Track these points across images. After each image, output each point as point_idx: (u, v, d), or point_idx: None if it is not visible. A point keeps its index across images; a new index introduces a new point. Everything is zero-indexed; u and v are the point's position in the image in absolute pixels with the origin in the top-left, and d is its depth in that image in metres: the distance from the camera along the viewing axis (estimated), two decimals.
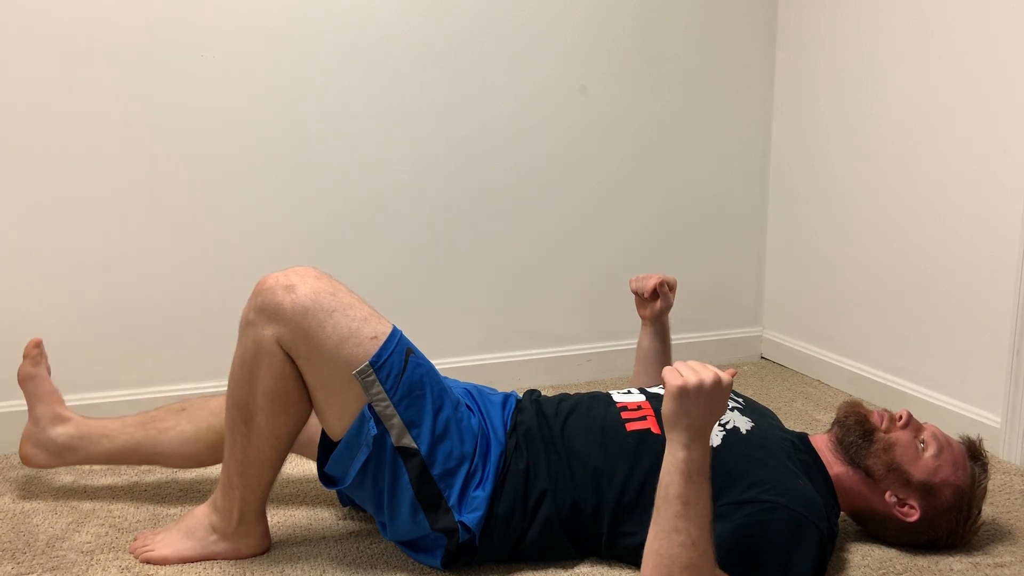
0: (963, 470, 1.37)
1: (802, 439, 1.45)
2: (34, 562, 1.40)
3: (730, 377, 1.10)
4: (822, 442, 1.44)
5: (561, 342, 2.38)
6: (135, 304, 1.96)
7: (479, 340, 2.29)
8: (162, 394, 1.98)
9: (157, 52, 1.89)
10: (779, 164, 2.51)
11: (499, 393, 1.53)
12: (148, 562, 1.39)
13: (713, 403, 1.08)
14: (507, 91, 2.21)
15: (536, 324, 2.35)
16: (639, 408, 1.43)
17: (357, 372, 1.26)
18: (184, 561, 1.39)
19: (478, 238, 2.25)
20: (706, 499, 1.09)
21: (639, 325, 1.75)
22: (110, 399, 1.95)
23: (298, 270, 1.31)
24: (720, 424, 1.38)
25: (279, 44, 1.99)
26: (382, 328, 1.30)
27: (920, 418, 1.47)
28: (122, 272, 1.94)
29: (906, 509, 1.37)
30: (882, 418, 1.40)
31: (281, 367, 1.28)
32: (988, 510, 1.55)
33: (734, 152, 2.49)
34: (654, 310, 1.70)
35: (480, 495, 1.33)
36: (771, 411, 1.55)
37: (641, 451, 1.35)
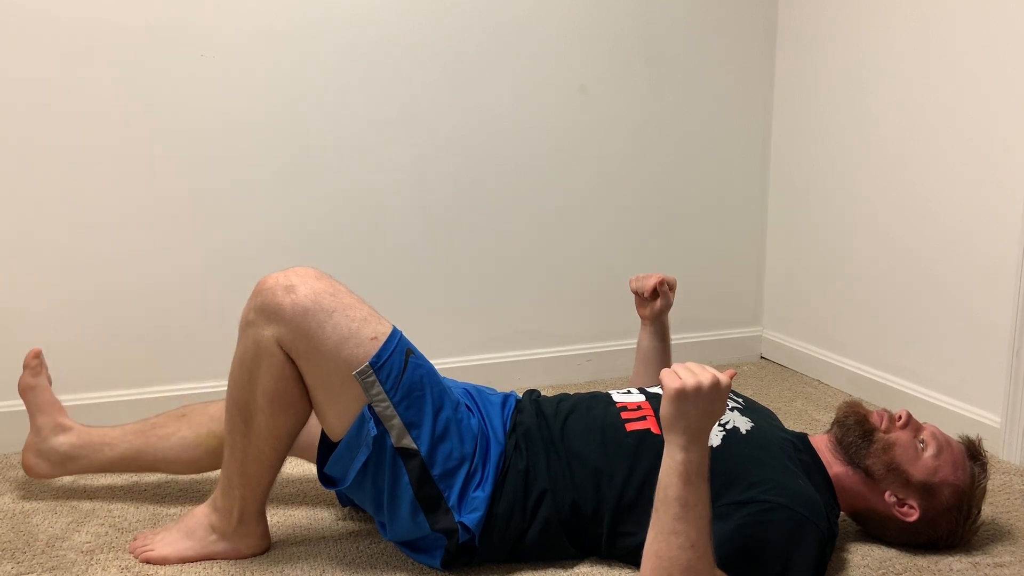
0: (963, 470, 1.37)
1: (802, 439, 1.45)
2: (34, 562, 1.40)
3: (728, 378, 1.10)
4: (822, 442, 1.44)
5: (561, 342, 2.38)
6: (135, 304, 1.96)
7: (479, 340, 2.29)
8: (162, 394, 1.98)
9: (157, 52, 1.89)
10: (779, 164, 2.51)
11: (499, 393, 1.53)
12: (148, 562, 1.40)
13: (711, 405, 1.08)
14: (507, 91, 2.21)
15: (536, 324, 2.35)
16: (639, 408, 1.43)
17: (357, 373, 1.26)
18: (184, 561, 1.39)
19: (478, 238, 2.25)
20: (705, 501, 1.08)
21: (639, 325, 1.75)
22: (110, 399, 1.95)
23: (298, 270, 1.31)
24: (720, 424, 1.38)
25: (279, 44, 1.99)
26: (382, 328, 1.30)
27: (920, 418, 1.47)
28: (122, 272, 1.94)
29: (906, 509, 1.37)
30: (881, 418, 1.40)
31: (281, 367, 1.28)
32: (988, 510, 1.55)
33: (734, 152, 2.49)
34: (654, 309, 1.70)
35: (480, 495, 1.33)
36: (771, 411, 1.55)
37: (641, 451, 1.35)
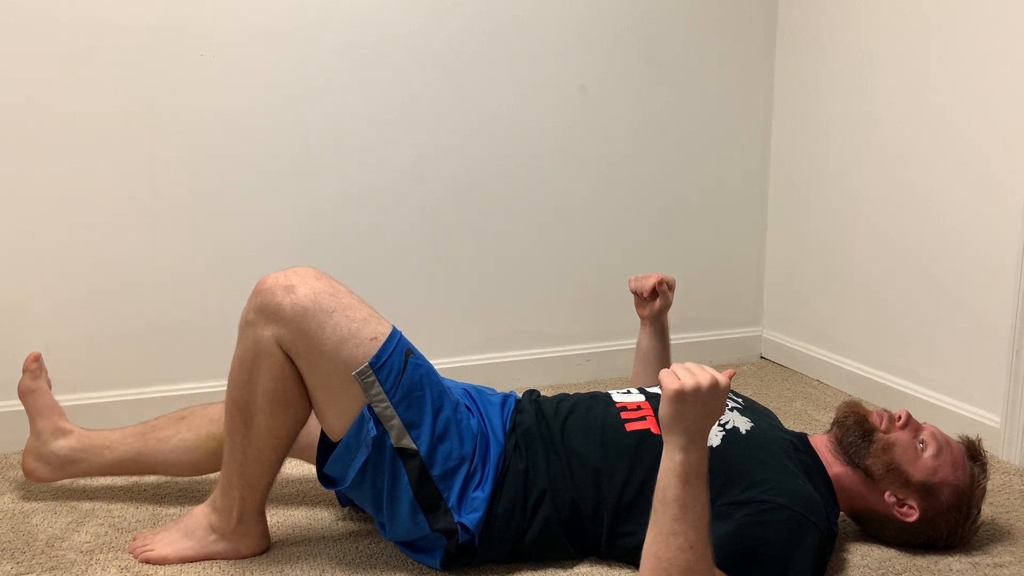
0: (962, 470, 1.36)
1: (801, 439, 1.45)
2: (33, 562, 1.40)
3: (727, 379, 1.09)
4: (821, 442, 1.44)
5: (561, 342, 2.38)
6: (135, 304, 1.96)
7: (479, 340, 2.29)
8: (162, 394, 1.98)
9: (157, 52, 1.89)
10: (779, 164, 2.51)
11: (498, 393, 1.53)
12: (147, 562, 1.39)
13: (710, 406, 1.08)
14: (507, 91, 2.21)
15: (536, 324, 2.34)
16: (639, 408, 1.43)
17: (357, 373, 1.26)
18: (183, 561, 1.39)
19: (478, 238, 2.25)
20: (704, 502, 1.08)
21: (638, 325, 1.75)
22: (109, 399, 1.95)
23: (298, 270, 1.31)
24: (719, 424, 1.38)
25: (279, 44, 1.99)
26: (382, 329, 1.30)
27: (919, 418, 1.46)
28: (122, 272, 1.94)
29: (905, 509, 1.37)
30: (881, 418, 1.40)
31: (281, 367, 1.28)
32: (987, 510, 1.55)
33: (734, 152, 2.49)
34: (653, 309, 1.70)
35: (479, 496, 1.33)
36: (771, 411, 1.55)
37: (641, 451, 1.35)
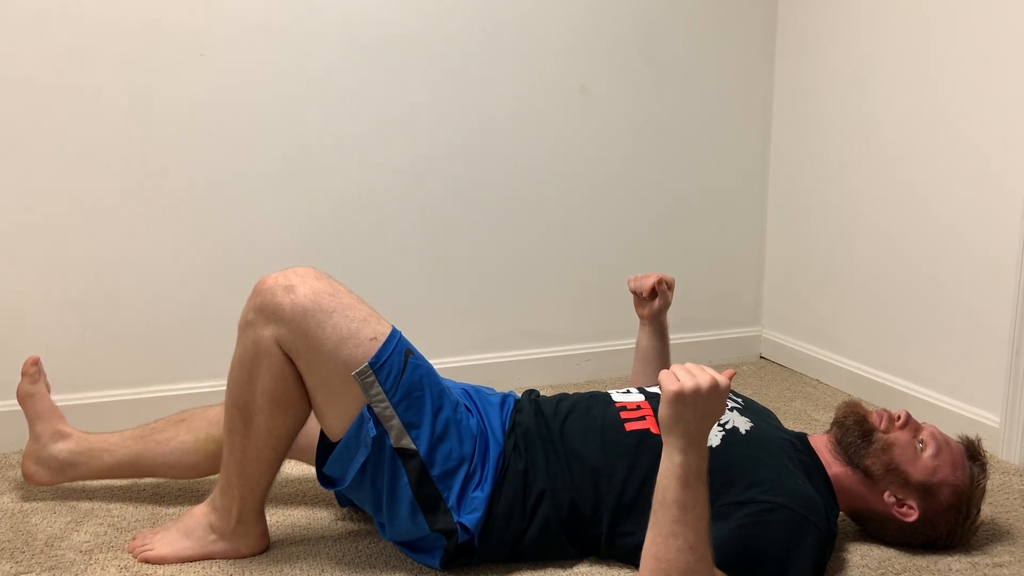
0: (962, 470, 1.36)
1: (801, 439, 1.45)
2: (33, 561, 1.40)
3: (727, 380, 1.09)
4: (821, 442, 1.44)
5: (560, 342, 2.38)
6: (134, 304, 1.95)
7: (479, 340, 2.29)
8: (161, 394, 1.98)
9: (157, 51, 1.89)
10: (779, 164, 2.51)
11: (497, 393, 1.53)
12: (147, 561, 1.39)
13: (710, 407, 1.07)
14: (507, 91, 2.21)
15: (535, 324, 2.34)
16: (638, 408, 1.43)
17: (356, 373, 1.26)
18: (183, 560, 1.39)
19: (478, 238, 2.25)
20: (703, 503, 1.08)
21: (638, 325, 1.75)
22: (109, 399, 1.95)
23: (298, 270, 1.30)
24: (719, 424, 1.38)
25: (278, 44, 1.99)
26: (381, 329, 1.30)
27: (919, 418, 1.46)
28: (121, 271, 1.93)
29: (905, 509, 1.37)
30: (881, 418, 1.40)
31: (280, 367, 1.28)
32: (987, 510, 1.55)
33: (734, 152, 2.49)
34: (652, 309, 1.70)
35: (479, 496, 1.33)
36: (770, 411, 1.55)
37: (640, 451, 1.35)
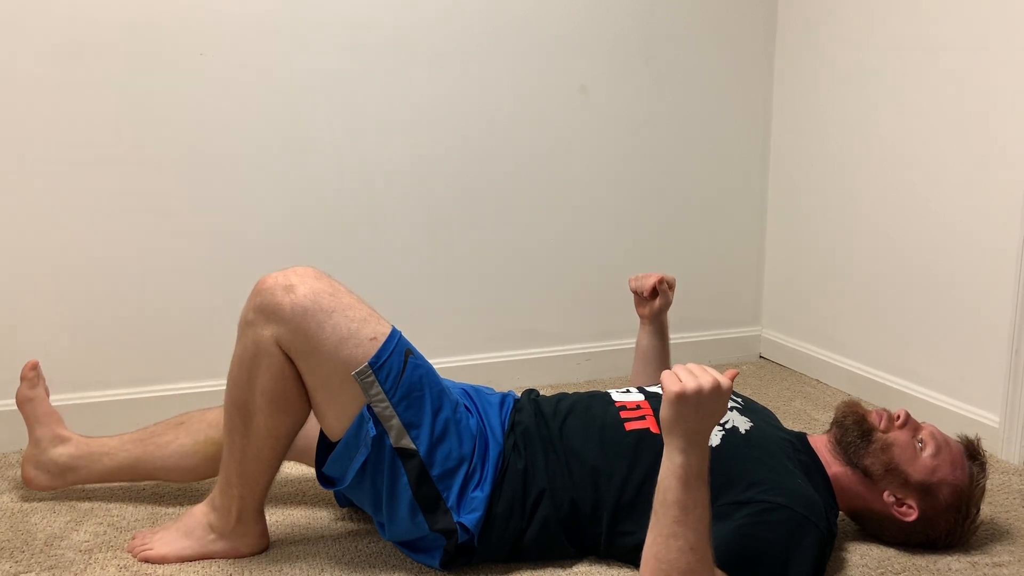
0: (961, 469, 1.36)
1: (801, 439, 1.45)
2: (32, 561, 1.40)
3: (729, 380, 1.09)
4: (821, 442, 1.44)
5: (560, 341, 2.38)
6: (133, 303, 1.95)
7: (478, 339, 2.29)
8: (161, 393, 1.98)
9: (156, 51, 1.88)
10: (778, 163, 2.51)
11: (496, 393, 1.53)
12: (146, 561, 1.39)
13: (711, 408, 1.07)
14: (507, 91, 2.20)
15: (535, 323, 2.34)
16: (638, 407, 1.43)
17: (356, 373, 1.26)
18: (182, 560, 1.39)
19: (477, 237, 2.25)
20: (704, 504, 1.08)
21: (638, 324, 1.75)
22: (109, 398, 1.94)
23: (297, 270, 1.30)
24: (719, 424, 1.38)
25: (278, 44, 1.98)
26: (381, 329, 1.30)
27: (919, 417, 1.46)
28: (120, 271, 1.93)
29: (904, 509, 1.37)
30: (880, 418, 1.40)
31: (280, 367, 1.28)
32: (986, 509, 1.55)
33: (734, 152, 2.49)
34: (653, 309, 1.70)
35: (479, 496, 1.33)
36: (770, 411, 1.55)
37: (640, 450, 1.35)
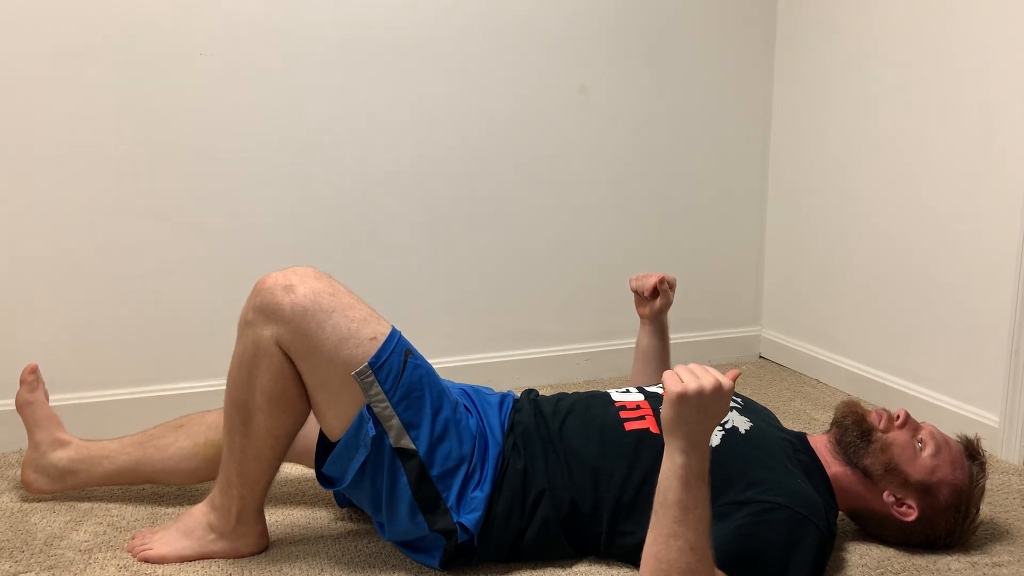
0: (961, 469, 1.37)
1: (800, 439, 1.45)
2: (32, 560, 1.40)
3: (731, 381, 1.08)
4: (820, 442, 1.44)
5: (559, 341, 2.38)
6: (133, 303, 1.95)
7: (478, 339, 2.29)
8: (161, 393, 1.98)
9: (155, 51, 1.88)
10: (778, 163, 2.51)
11: (496, 393, 1.53)
12: (146, 561, 1.39)
13: (713, 409, 1.07)
14: (507, 91, 2.20)
15: (535, 323, 2.34)
16: (638, 407, 1.43)
17: (356, 373, 1.26)
18: (182, 560, 1.39)
19: (477, 237, 2.25)
20: (705, 504, 1.08)
21: (638, 324, 1.75)
22: (109, 398, 1.94)
23: (297, 270, 1.30)
24: (719, 424, 1.38)
25: (278, 44, 1.98)
26: (381, 329, 1.30)
27: (918, 417, 1.46)
28: (120, 271, 1.93)
29: (904, 509, 1.37)
30: (880, 417, 1.40)
31: (280, 367, 1.28)
32: (986, 509, 1.55)
33: (734, 151, 2.49)
34: (653, 308, 1.70)
35: (478, 496, 1.33)
36: (769, 411, 1.55)
37: (640, 450, 1.35)
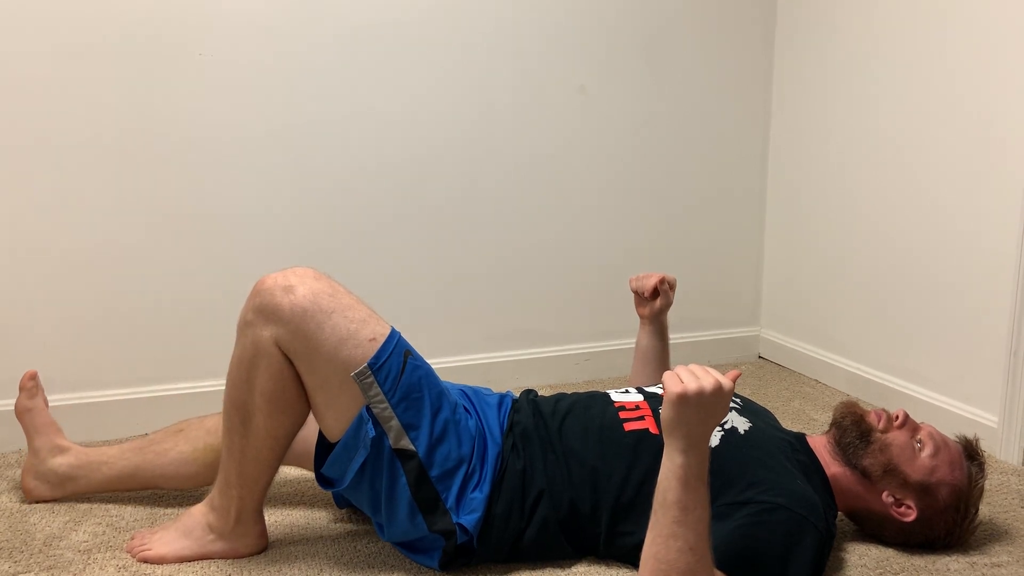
0: (960, 470, 1.37)
1: (800, 439, 1.45)
2: (31, 561, 1.40)
3: (731, 382, 1.08)
4: (820, 443, 1.44)
5: (559, 341, 2.38)
6: (133, 303, 1.95)
7: (478, 339, 2.29)
8: (161, 393, 1.98)
9: (155, 51, 1.88)
10: (778, 163, 2.51)
11: (495, 394, 1.53)
12: (145, 561, 1.39)
13: (713, 409, 1.07)
14: (506, 91, 2.20)
15: (534, 323, 2.34)
16: (637, 408, 1.43)
17: (355, 374, 1.26)
18: (181, 560, 1.39)
19: (476, 237, 2.25)
20: (704, 504, 1.08)
21: (637, 324, 1.75)
22: (109, 398, 1.94)
23: (297, 271, 1.30)
24: (719, 424, 1.38)
25: (277, 43, 1.98)
26: (381, 330, 1.30)
27: (917, 418, 1.47)
28: (119, 271, 1.93)
29: (903, 509, 1.37)
30: (879, 418, 1.40)
31: (279, 368, 1.28)
32: (985, 510, 1.55)
33: (733, 151, 2.48)
34: (653, 309, 1.70)
35: (478, 496, 1.33)
36: (769, 411, 1.55)
37: (639, 451, 1.35)
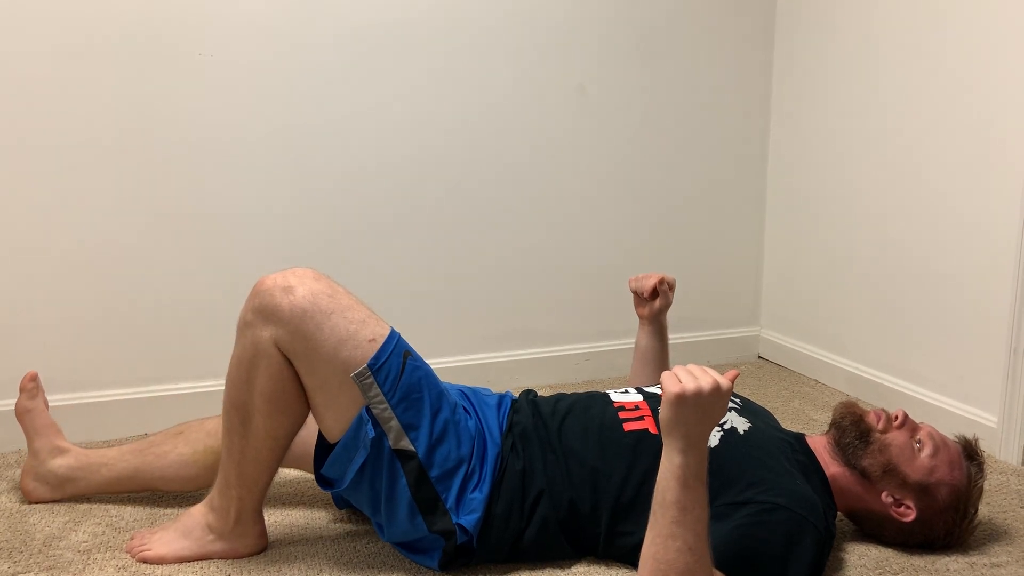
0: (959, 470, 1.37)
1: (799, 439, 1.45)
2: (31, 561, 1.40)
3: (730, 382, 1.08)
4: (819, 443, 1.44)
5: (559, 341, 2.38)
6: (132, 303, 1.95)
7: (477, 340, 2.29)
8: (160, 394, 1.98)
9: (154, 51, 1.88)
10: (777, 163, 2.51)
11: (494, 394, 1.53)
12: (145, 561, 1.39)
13: (711, 409, 1.07)
14: (505, 90, 2.20)
15: (533, 323, 2.34)
16: (636, 408, 1.43)
17: (355, 374, 1.26)
18: (181, 560, 1.39)
19: (475, 237, 2.24)
20: (703, 504, 1.08)
21: (637, 324, 1.75)
22: (109, 398, 1.94)
23: (296, 271, 1.30)
24: (718, 424, 1.38)
25: (277, 43, 1.98)
26: (380, 330, 1.30)
27: (917, 418, 1.47)
28: (120, 270, 1.93)
29: (903, 509, 1.37)
30: (879, 418, 1.40)
31: (279, 368, 1.28)
32: (984, 510, 1.55)
33: (732, 151, 2.48)
34: (653, 309, 1.70)
35: (478, 497, 1.33)
36: (768, 411, 1.55)
37: (639, 451, 1.35)
